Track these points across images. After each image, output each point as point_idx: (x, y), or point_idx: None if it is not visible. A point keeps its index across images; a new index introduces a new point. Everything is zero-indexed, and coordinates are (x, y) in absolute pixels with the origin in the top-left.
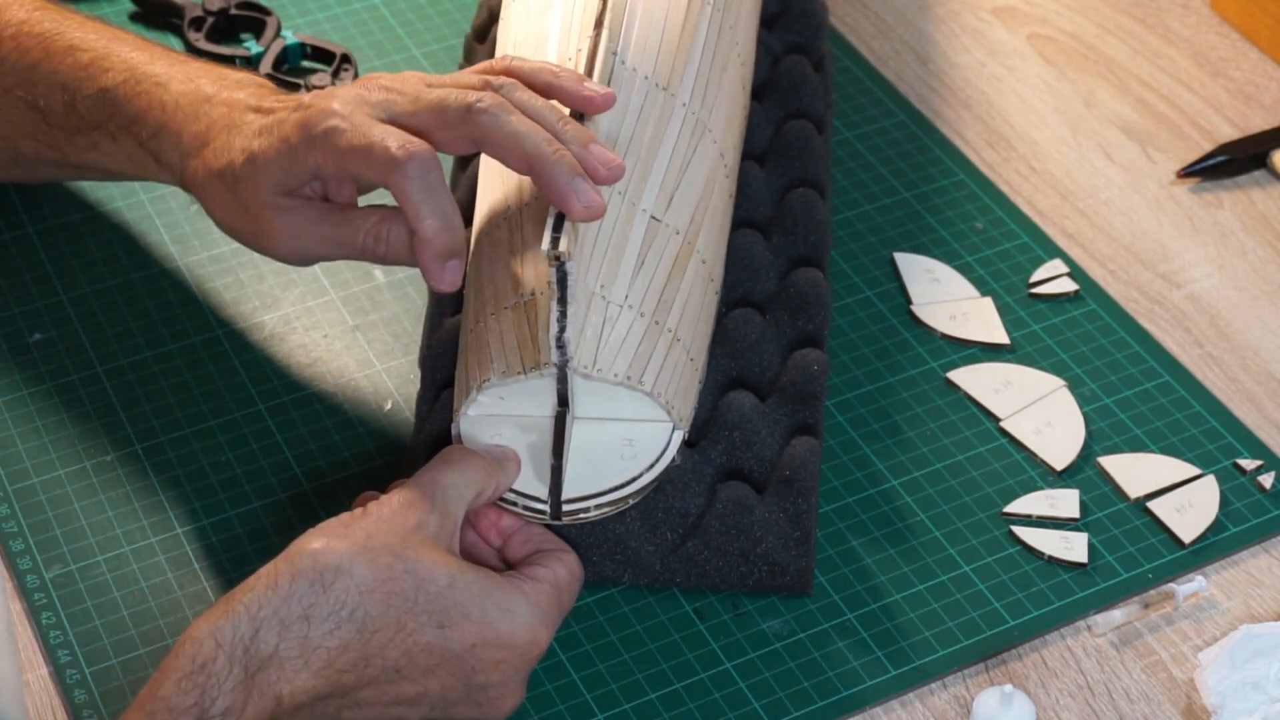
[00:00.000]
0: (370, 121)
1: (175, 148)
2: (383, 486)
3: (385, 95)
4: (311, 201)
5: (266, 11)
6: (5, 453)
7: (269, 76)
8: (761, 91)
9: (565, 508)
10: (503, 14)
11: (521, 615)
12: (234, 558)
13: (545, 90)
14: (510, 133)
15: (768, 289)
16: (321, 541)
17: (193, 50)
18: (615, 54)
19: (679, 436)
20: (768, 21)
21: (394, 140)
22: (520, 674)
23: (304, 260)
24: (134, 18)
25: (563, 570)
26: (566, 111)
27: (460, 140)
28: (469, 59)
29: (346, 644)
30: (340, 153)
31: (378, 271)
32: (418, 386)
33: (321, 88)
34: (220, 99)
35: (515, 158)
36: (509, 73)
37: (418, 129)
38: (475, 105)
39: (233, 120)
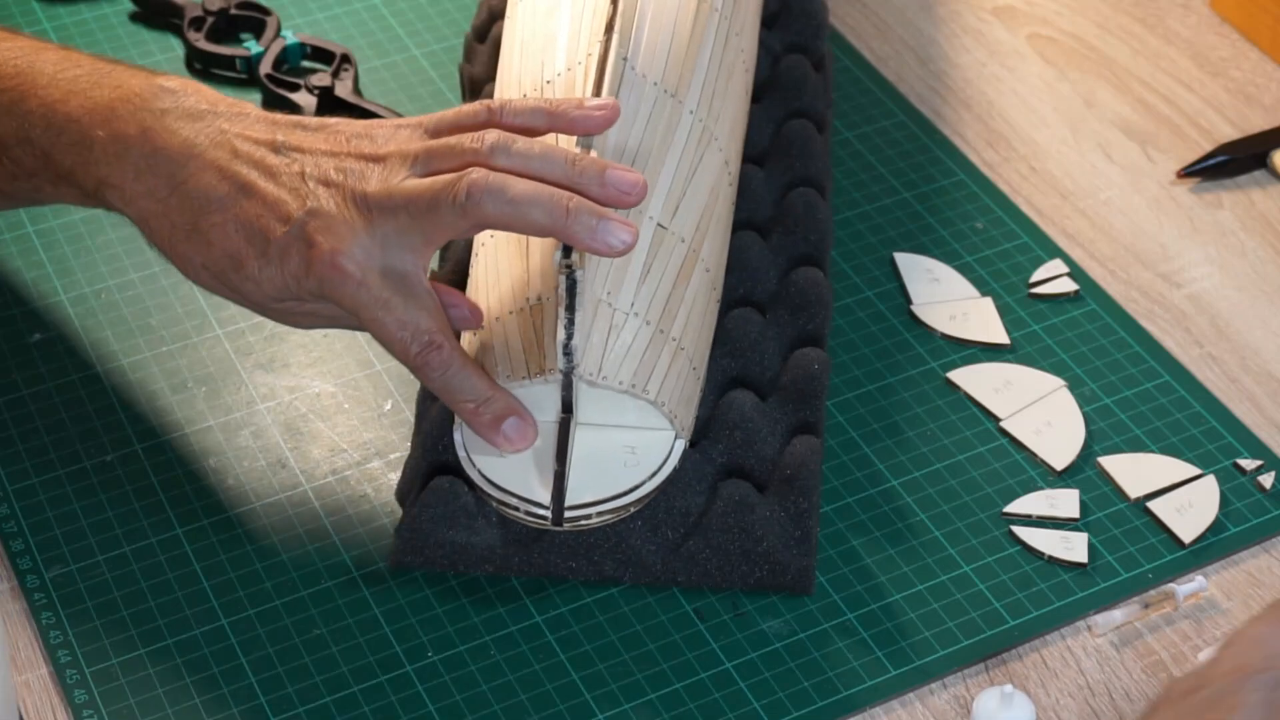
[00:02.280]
0: (386, 295)
1: (128, 207)
2: (382, 487)
3: (380, 206)
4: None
5: (266, 11)
6: (5, 453)
7: (268, 77)
8: (761, 91)
9: (567, 514)
10: (509, 12)
11: None
12: (234, 558)
13: (546, 131)
14: (514, 210)
15: (768, 289)
16: None
17: (193, 50)
18: (625, 59)
19: (681, 445)
20: (768, 21)
21: (411, 338)
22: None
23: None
24: (134, 18)
25: None
26: (573, 143)
27: (470, 231)
28: (469, 59)
29: None
30: (353, 312)
31: None
32: (418, 386)
33: (322, 88)
34: (161, 135)
35: (532, 230)
36: (495, 122)
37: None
38: (469, 191)
39: (201, 184)
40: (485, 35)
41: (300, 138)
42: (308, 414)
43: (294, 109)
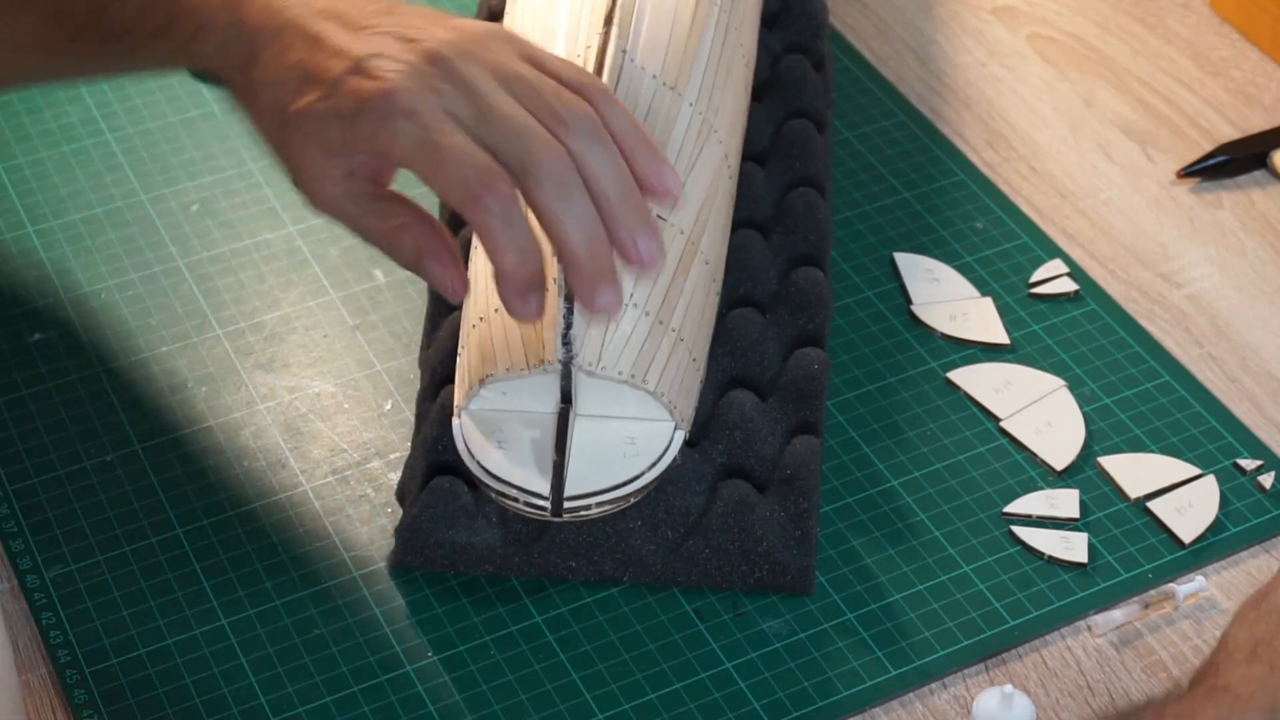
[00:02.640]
0: (444, 130)
1: (217, 57)
2: (382, 487)
3: (455, 93)
4: (352, 178)
5: None
6: (5, 453)
7: None
8: (762, 91)
9: (567, 504)
10: (509, 7)
11: None
12: (234, 558)
13: (625, 151)
14: (559, 215)
15: (768, 288)
16: None
17: None
18: (625, 52)
19: (680, 436)
20: (768, 21)
21: (471, 168)
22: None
23: (325, 215)
24: None
25: None
26: (633, 183)
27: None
28: None
29: None
30: (405, 157)
31: (378, 271)
32: (418, 386)
33: None
34: None
35: (551, 236)
36: (597, 102)
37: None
38: (544, 163)
39: (288, 21)
40: None
41: (405, 9)
42: (308, 414)
43: None
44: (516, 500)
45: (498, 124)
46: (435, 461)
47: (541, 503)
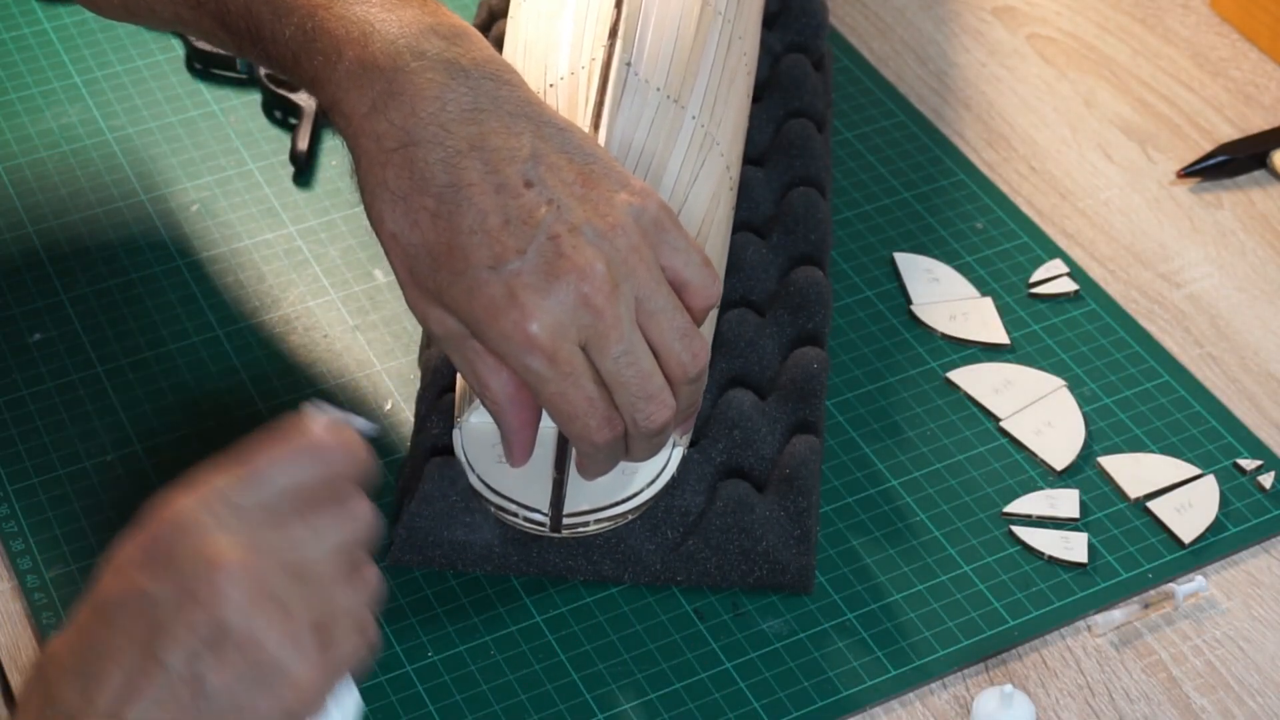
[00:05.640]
0: (574, 381)
1: (351, 139)
2: (382, 487)
3: (595, 339)
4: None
5: None
6: (5, 453)
7: (268, 77)
8: (761, 91)
9: (565, 521)
10: (511, 13)
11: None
12: None
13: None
14: (639, 455)
15: (768, 288)
16: None
17: (193, 51)
18: (629, 64)
19: (679, 454)
20: (768, 21)
21: (592, 417)
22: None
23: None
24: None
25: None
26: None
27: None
28: None
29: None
30: (529, 384)
31: (378, 271)
32: (418, 386)
33: None
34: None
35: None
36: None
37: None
38: (654, 425)
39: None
40: (485, 35)
41: (555, 167)
42: None
43: (295, 110)
44: (515, 515)
45: (624, 383)
46: (434, 461)
47: (540, 519)
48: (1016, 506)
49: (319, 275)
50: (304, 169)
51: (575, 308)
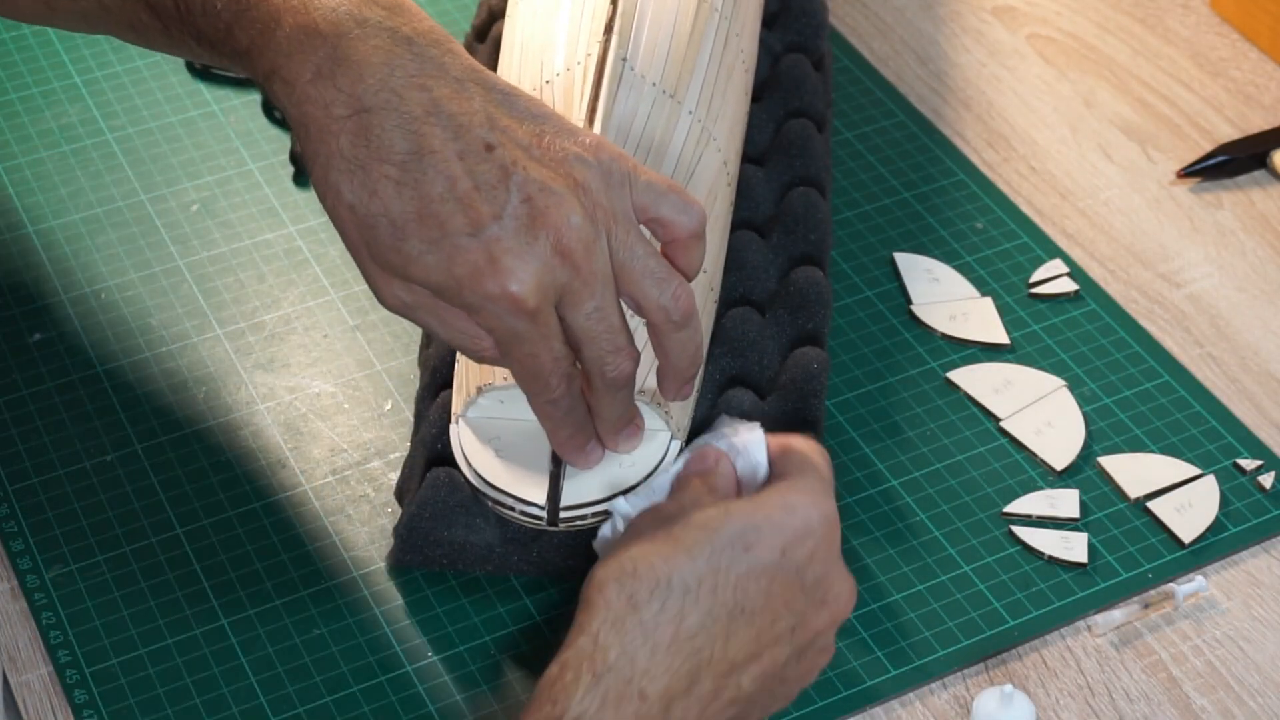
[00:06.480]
0: (547, 342)
1: (293, 106)
2: (383, 487)
3: (572, 294)
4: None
5: None
6: (5, 453)
7: None
8: (761, 91)
9: (562, 514)
10: (509, 11)
11: (799, 502)
12: (234, 558)
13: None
14: (604, 415)
15: (767, 288)
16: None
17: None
18: (624, 60)
19: (676, 446)
20: (768, 20)
21: (554, 375)
22: (834, 553)
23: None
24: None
25: (800, 447)
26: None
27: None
28: None
29: (681, 610)
30: (498, 340)
31: None
32: (417, 386)
33: None
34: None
35: (592, 414)
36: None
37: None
38: (615, 382)
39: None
40: (485, 35)
41: (509, 130)
42: (308, 414)
43: None
44: (513, 509)
45: (594, 338)
46: (434, 461)
47: (538, 512)
48: (1016, 506)
49: (319, 275)
50: (304, 169)
51: (555, 266)
